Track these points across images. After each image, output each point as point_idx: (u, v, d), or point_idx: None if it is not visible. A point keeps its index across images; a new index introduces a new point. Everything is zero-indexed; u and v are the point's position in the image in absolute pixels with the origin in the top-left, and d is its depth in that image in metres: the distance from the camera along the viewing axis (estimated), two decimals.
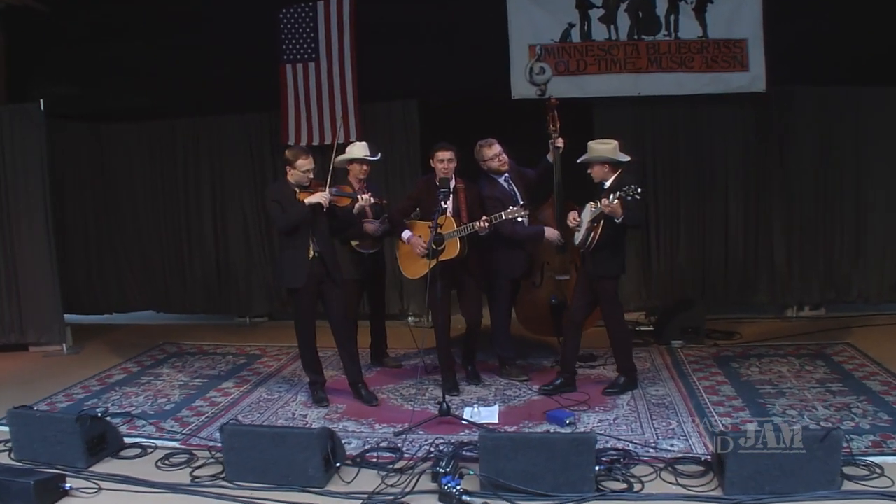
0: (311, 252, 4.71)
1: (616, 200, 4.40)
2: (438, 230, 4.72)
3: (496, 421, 4.46)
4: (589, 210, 4.63)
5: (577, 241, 4.80)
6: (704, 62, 6.21)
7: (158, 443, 4.33)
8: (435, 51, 6.79)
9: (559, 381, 4.93)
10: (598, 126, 6.62)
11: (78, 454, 3.99)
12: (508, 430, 4.33)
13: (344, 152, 5.37)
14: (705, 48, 6.20)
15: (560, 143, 5.21)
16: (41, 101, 6.40)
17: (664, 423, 4.31)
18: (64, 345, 6.66)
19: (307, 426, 4.55)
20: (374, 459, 3.95)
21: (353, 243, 5.32)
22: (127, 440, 4.34)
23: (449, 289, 5.01)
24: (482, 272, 5.09)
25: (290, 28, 7.02)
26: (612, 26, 6.34)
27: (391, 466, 3.82)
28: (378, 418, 4.63)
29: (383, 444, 4.16)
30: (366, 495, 3.52)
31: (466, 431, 4.31)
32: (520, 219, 4.60)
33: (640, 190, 4.29)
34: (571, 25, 6.42)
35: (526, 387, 5.11)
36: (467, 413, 4.54)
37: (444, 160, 4.84)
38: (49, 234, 6.51)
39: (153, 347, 6.68)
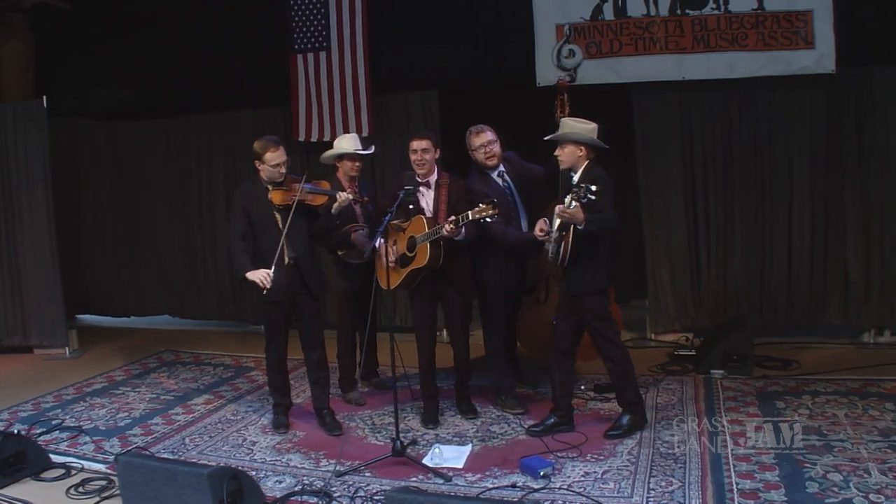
0: (286, 259, 4.22)
1: (574, 204, 3.65)
2: (412, 235, 4.14)
3: (460, 466, 3.80)
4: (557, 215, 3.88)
5: (549, 255, 4.05)
6: (761, 39, 5.25)
7: (87, 464, 4.02)
8: (455, 36, 6.27)
9: (551, 421, 4.20)
10: (637, 116, 5.87)
11: None
12: (471, 477, 3.68)
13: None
14: (761, 22, 5.24)
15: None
16: (44, 98, 6.33)
17: (663, 483, 3.50)
18: (67, 348, 6.56)
19: (250, 456, 4.08)
20: None
21: (340, 252, 4.81)
22: (59, 459, 4.05)
23: (431, 303, 4.41)
24: (467, 284, 4.43)
25: (302, 15, 6.63)
26: (651, 0, 5.50)
27: None
28: (329, 452, 4.08)
29: (315, 487, 3.61)
30: None
31: (421, 476, 3.70)
32: (488, 219, 3.89)
33: (594, 188, 3.53)
34: (604, 0, 5.62)
35: (519, 422, 4.41)
36: (430, 454, 3.90)
37: (416, 150, 4.24)
38: (51, 235, 6.42)
39: (151, 355, 6.48)
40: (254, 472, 3.84)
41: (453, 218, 3.99)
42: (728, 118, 5.62)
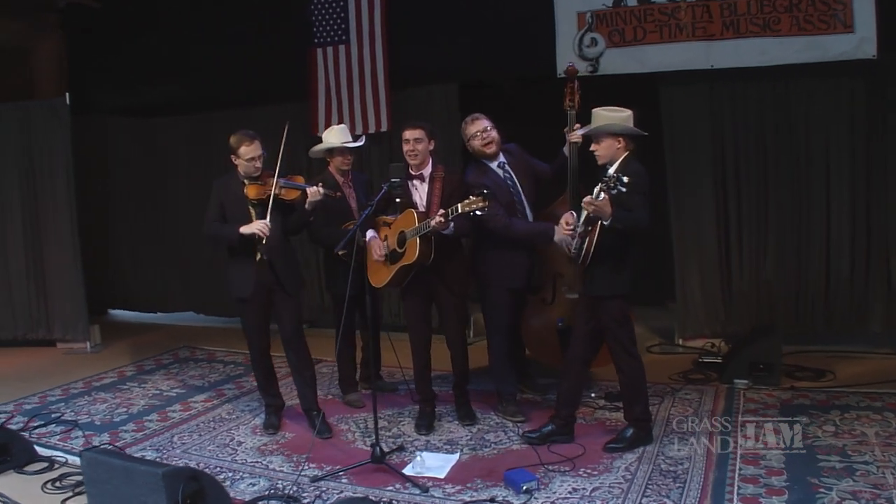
0: (258, 255, 4.13)
1: (603, 196, 3.39)
2: (402, 229, 3.98)
3: (442, 476, 3.61)
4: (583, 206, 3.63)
5: (572, 251, 3.81)
6: (795, 23, 4.87)
7: (72, 459, 3.98)
8: (475, 28, 6.08)
9: (548, 429, 3.97)
10: (664, 109, 5.54)
11: None
12: (450, 489, 3.49)
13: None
14: (795, 5, 4.84)
15: (576, 136, 4.19)
16: (67, 95, 6.42)
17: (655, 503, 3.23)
18: (88, 342, 6.65)
19: (232, 456, 3.99)
20: None
21: (341, 252, 4.65)
22: (46, 452, 4.06)
23: (423, 302, 4.23)
24: (461, 283, 4.23)
25: (322, 8, 6.57)
26: None
27: None
28: (314, 456, 3.94)
29: (285, 492, 3.48)
30: None
31: (397, 485, 3.53)
32: (478, 212, 3.66)
33: (625, 180, 3.26)
34: None
35: (516, 430, 4.19)
36: (413, 462, 3.72)
37: (409, 140, 4.06)
38: (73, 230, 6.51)
39: (168, 351, 6.51)
40: (231, 473, 3.77)
41: (443, 211, 3.80)
42: (761, 110, 5.23)
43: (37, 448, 4.07)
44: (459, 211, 3.70)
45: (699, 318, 5.58)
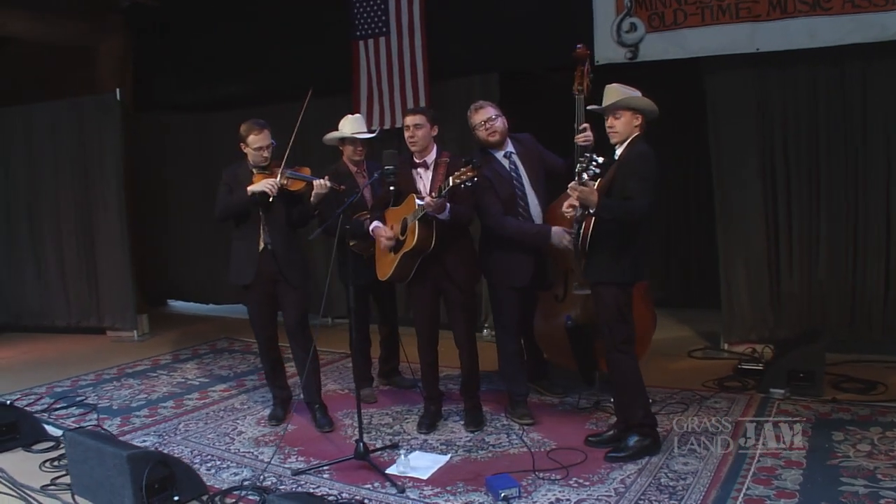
0: (262, 244, 4.15)
1: (585, 177, 3.19)
2: (405, 216, 3.90)
3: (424, 477, 3.49)
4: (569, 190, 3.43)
5: (571, 237, 3.62)
6: (847, 0, 4.45)
7: None
8: (515, 17, 5.94)
9: (610, 434, 3.75)
10: (709, 97, 5.22)
11: None
12: (427, 491, 3.37)
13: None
14: None
15: (583, 138, 3.96)
16: (118, 91, 6.70)
17: None
18: (135, 331, 6.91)
19: (227, 445, 4.02)
20: (231, 500, 3.28)
21: (351, 243, 4.63)
22: (57, 433, 4.18)
23: (429, 297, 4.11)
24: (468, 278, 4.08)
25: (363, 0, 6.57)
26: None
27: None
28: (306, 449, 3.93)
29: (261, 483, 3.47)
30: None
31: (376, 483, 3.44)
32: (468, 183, 3.48)
33: (599, 160, 3.05)
34: None
35: (519, 434, 4.00)
36: (398, 461, 3.61)
37: (409, 126, 3.96)
38: (122, 224, 6.77)
39: (208, 341, 6.67)
40: (219, 462, 3.80)
41: (432, 192, 3.69)
42: (812, 97, 4.82)
43: (50, 428, 4.24)
44: (451, 184, 3.57)
45: (745, 322, 5.21)
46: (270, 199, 4.07)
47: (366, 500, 3.26)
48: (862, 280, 4.81)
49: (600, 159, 3.11)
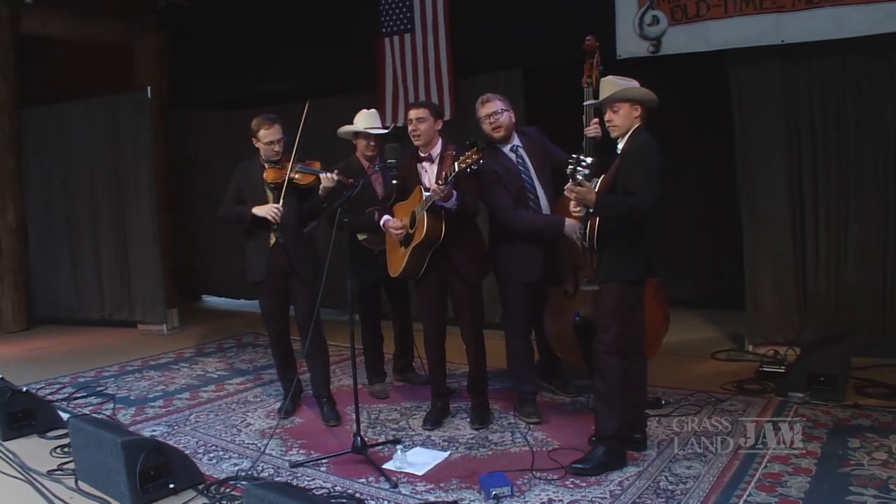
0: (273, 239, 4.21)
1: (587, 181, 3.13)
2: (413, 209, 3.89)
3: (419, 473, 3.48)
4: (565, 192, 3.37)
5: (578, 236, 3.56)
6: None
7: None
8: (538, 12, 5.93)
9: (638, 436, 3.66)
10: (733, 91, 5.08)
11: None
12: (420, 487, 3.36)
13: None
14: None
15: (593, 131, 3.91)
16: (149, 89, 6.86)
17: None
18: (164, 325, 7.08)
19: (232, 437, 4.09)
20: (226, 489, 3.32)
21: (361, 237, 4.67)
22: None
23: (436, 291, 4.10)
24: (476, 272, 4.05)
25: None
26: None
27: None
28: (308, 443, 3.97)
29: (255, 474, 3.51)
30: None
31: (371, 477, 3.45)
32: (473, 167, 3.49)
33: (588, 161, 2.98)
34: None
35: (524, 433, 3.95)
36: (395, 456, 3.61)
37: (412, 120, 3.96)
38: (153, 218, 6.94)
39: (233, 336, 6.79)
40: (221, 452, 3.87)
41: (438, 181, 3.69)
42: (841, 89, 4.64)
43: (65, 416, 4.35)
44: (456, 170, 3.56)
45: (771, 324, 5.06)
46: (274, 226, 4.14)
47: (357, 494, 3.27)
48: (892, 281, 4.61)
49: (588, 160, 3.05)
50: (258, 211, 4.15)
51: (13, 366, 5.69)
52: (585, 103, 3.60)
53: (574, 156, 3.24)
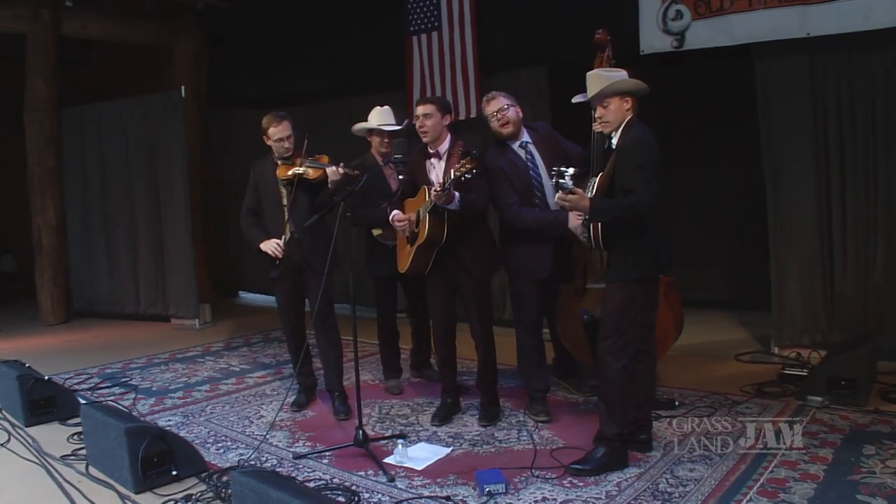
0: (287, 233, 4.30)
1: (570, 184, 3.10)
2: (418, 208, 3.93)
3: (418, 468, 3.51)
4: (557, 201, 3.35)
5: (583, 238, 3.54)
6: None
7: None
8: (562, 8, 5.90)
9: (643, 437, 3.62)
10: (760, 85, 4.96)
11: (19, 411, 4.27)
12: (417, 481, 3.38)
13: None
14: None
15: (600, 126, 3.88)
16: (182, 88, 7.06)
17: None
18: (197, 320, 7.27)
19: (243, 428, 4.19)
20: (227, 479, 3.39)
21: (375, 233, 4.72)
22: None
23: (444, 288, 4.12)
24: (483, 269, 4.06)
25: None
26: None
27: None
28: (316, 435, 4.05)
29: (264, 465, 3.59)
30: None
31: (370, 471, 3.49)
32: (467, 175, 3.51)
33: (570, 171, 2.97)
34: None
35: (530, 431, 3.94)
36: (395, 451, 3.65)
37: (418, 116, 3.99)
38: (187, 215, 7.14)
39: (262, 331, 6.93)
40: (229, 442, 3.96)
41: (438, 183, 3.71)
42: (869, 83, 4.49)
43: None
44: (452, 177, 3.58)
45: (797, 325, 4.93)
46: (276, 262, 4.29)
47: (353, 487, 3.31)
48: None
49: (570, 171, 3.03)
50: (263, 246, 4.30)
51: (47, 356, 5.94)
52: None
53: (555, 168, 3.20)
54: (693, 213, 6.71)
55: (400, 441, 3.69)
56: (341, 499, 3.16)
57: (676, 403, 4.18)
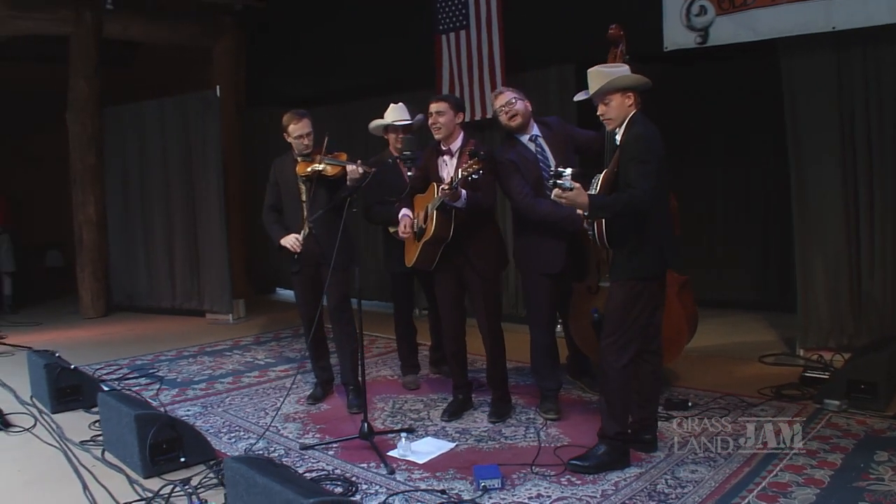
0: (305, 228, 4.42)
1: (570, 183, 3.10)
2: (427, 204, 3.99)
3: (420, 462, 3.57)
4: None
5: (589, 234, 3.54)
6: None
7: None
8: (588, 5, 5.89)
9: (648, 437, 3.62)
10: (786, 81, 4.88)
11: (46, 398, 4.49)
12: (416, 474, 3.45)
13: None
14: None
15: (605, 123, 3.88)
16: (217, 88, 7.27)
17: None
18: (230, 315, 7.47)
19: (257, 420, 4.32)
20: None
21: (391, 230, 4.80)
22: None
23: (452, 284, 4.17)
24: (490, 266, 4.10)
25: None
26: None
27: None
28: (327, 428, 4.15)
29: (271, 455, 3.70)
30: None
31: (372, 463, 3.56)
32: (474, 175, 3.54)
33: (568, 172, 2.98)
34: None
35: (538, 429, 3.95)
36: (399, 444, 3.72)
37: (431, 113, 4.04)
38: (221, 212, 7.35)
39: (292, 326, 7.06)
40: (242, 432, 4.09)
41: (446, 182, 3.76)
42: None
43: None
44: (459, 176, 3.63)
45: (822, 327, 4.83)
46: (295, 256, 4.38)
47: (353, 478, 3.38)
48: None
49: (569, 171, 3.03)
50: (283, 241, 4.40)
51: (81, 348, 6.21)
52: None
53: (552, 170, 3.22)
54: (723, 212, 6.61)
55: (404, 435, 3.76)
56: (339, 489, 3.24)
57: (690, 404, 4.14)
